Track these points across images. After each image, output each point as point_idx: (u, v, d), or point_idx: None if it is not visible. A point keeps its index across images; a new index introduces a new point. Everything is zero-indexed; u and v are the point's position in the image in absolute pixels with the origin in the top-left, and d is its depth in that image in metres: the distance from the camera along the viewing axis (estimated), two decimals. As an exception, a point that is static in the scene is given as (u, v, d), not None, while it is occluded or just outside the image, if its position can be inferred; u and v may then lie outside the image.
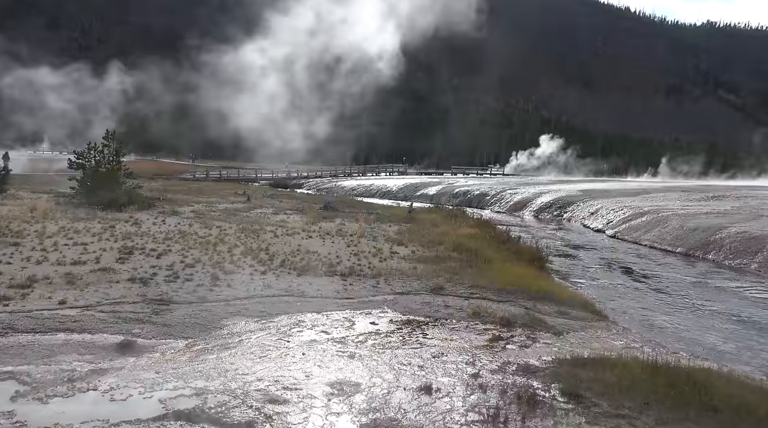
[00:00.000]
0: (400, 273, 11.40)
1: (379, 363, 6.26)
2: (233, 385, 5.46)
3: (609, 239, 21.64)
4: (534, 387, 5.67)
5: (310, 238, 15.06)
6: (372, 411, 5.03)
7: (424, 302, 9.40)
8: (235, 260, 11.64)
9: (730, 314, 10.89)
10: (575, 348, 7.26)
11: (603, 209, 26.46)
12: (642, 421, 4.95)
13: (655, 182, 46.13)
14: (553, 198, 31.99)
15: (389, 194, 42.37)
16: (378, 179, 55.34)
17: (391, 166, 72.18)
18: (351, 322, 8.01)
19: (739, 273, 15.15)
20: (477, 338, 7.54)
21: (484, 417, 4.96)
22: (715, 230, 18.60)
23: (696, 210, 22.85)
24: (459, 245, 14.67)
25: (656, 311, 11.01)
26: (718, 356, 8.27)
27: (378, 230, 17.27)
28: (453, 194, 38.88)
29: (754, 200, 25.04)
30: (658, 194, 29.58)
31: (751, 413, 4.97)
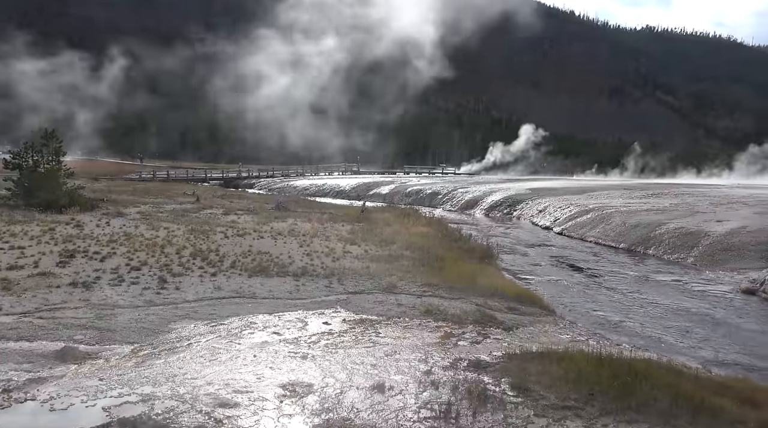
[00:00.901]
0: (353, 273, 11.39)
1: (332, 363, 6.24)
2: (182, 390, 5.33)
3: (556, 236, 22.26)
4: (485, 382, 5.77)
5: (261, 238, 14.86)
6: (325, 411, 5.01)
7: (377, 301, 9.43)
8: (183, 263, 11.36)
9: (668, 306, 11.39)
10: (524, 343, 7.43)
11: (550, 207, 27.19)
12: (587, 412, 5.11)
13: (599, 181, 47.73)
14: (503, 196, 32.65)
15: (342, 193, 42.26)
16: (331, 178, 55.10)
17: (343, 165, 71.99)
18: (304, 323, 7.95)
19: (677, 267, 15.86)
20: (429, 335, 7.61)
21: (437, 414, 5.01)
22: (655, 226, 19.41)
23: (637, 207, 23.78)
24: (412, 243, 14.80)
25: (601, 305, 11.40)
26: (658, 346, 8.63)
27: (331, 229, 17.20)
28: (406, 193, 39.13)
29: (690, 197, 26.27)
30: (602, 192, 30.62)
31: (687, 401, 5.21)
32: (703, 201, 24.15)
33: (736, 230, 17.11)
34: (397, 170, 68.96)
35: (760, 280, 12.77)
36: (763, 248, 15.46)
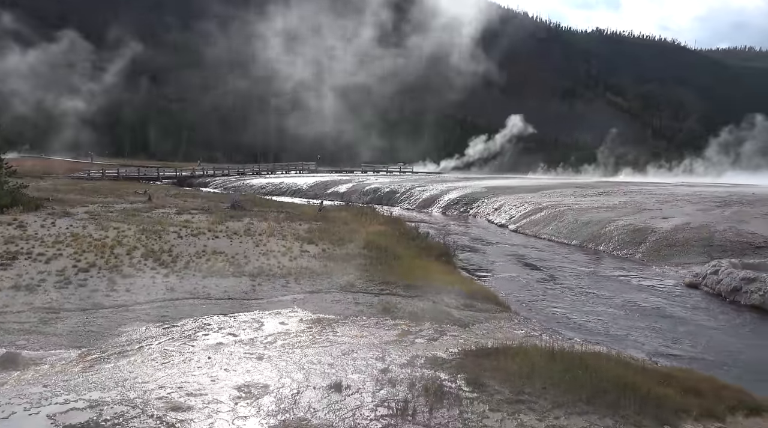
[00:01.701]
0: (311, 272, 11.32)
1: (289, 363, 6.18)
2: (132, 395, 5.17)
3: (511, 234, 22.67)
4: (441, 379, 5.82)
5: (216, 238, 14.59)
6: (281, 412, 4.95)
7: (335, 300, 9.40)
8: (134, 263, 11.04)
9: (617, 301, 11.77)
10: (480, 339, 7.54)
11: (506, 205, 27.68)
12: (540, 405, 5.23)
13: (552, 179, 48.90)
14: (460, 195, 33.02)
15: (300, 192, 41.92)
16: (288, 177, 54.56)
17: (301, 163, 71.41)
18: (260, 323, 7.84)
19: (626, 262, 16.40)
20: (387, 333, 7.63)
21: (393, 411, 5.03)
22: (605, 223, 20.01)
23: (588, 205, 24.46)
24: (369, 242, 14.80)
25: (554, 300, 11.68)
26: (608, 340, 8.91)
27: (288, 228, 17.03)
28: (364, 191, 39.11)
29: (638, 195, 27.19)
30: (555, 190, 31.36)
31: (635, 391, 5.39)
32: (650, 199, 25.04)
33: (680, 226, 17.82)
34: (355, 169, 68.87)
35: (702, 274, 13.34)
36: (705, 243, 16.15)
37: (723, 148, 63.58)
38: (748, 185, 33.75)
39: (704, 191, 27.54)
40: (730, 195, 24.65)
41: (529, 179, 47.60)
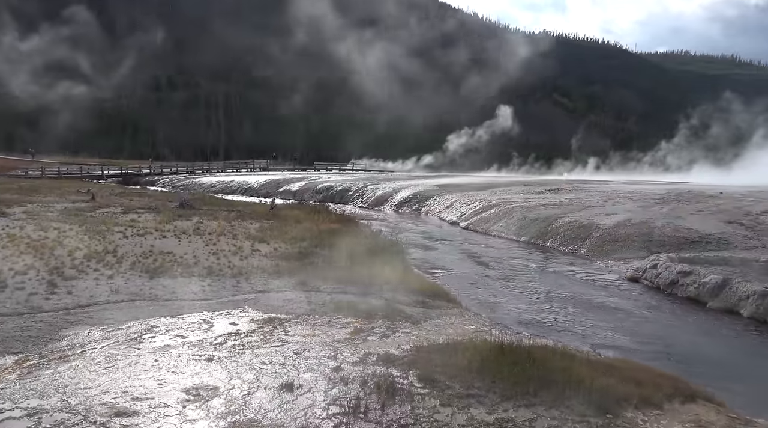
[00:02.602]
0: (262, 271, 11.19)
1: (239, 364, 6.09)
2: (73, 401, 4.98)
3: (463, 231, 23.02)
4: (393, 376, 5.87)
5: (164, 238, 14.21)
6: (231, 414, 4.88)
7: (287, 299, 9.32)
8: (76, 265, 10.62)
9: (564, 295, 12.14)
10: (432, 335, 7.63)
11: (457, 203, 28.08)
12: (489, 398, 5.34)
13: (502, 177, 49.89)
14: (412, 193, 33.28)
15: (251, 190, 41.31)
16: (239, 175, 53.67)
17: (252, 161, 70.34)
18: (209, 324, 7.69)
19: (572, 257, 16.93)
20: (339, 332, 7.63)
21: (346, 409, 5.03)
22: (552, 220, 20.59)
23: (536, 202, 25.11)
24: (322, 240, 14.74)
25: (504, 296, 11.95)
26: (555, 333, 9.18)
27: (239, 227, 16.76)
28: (316, 189, 38.90)
29: (583, 192, 28.09)
30: (505, 188, 32.03)
31: (579, 382, 5.59)
32: (594, 196, 25.90)
33: (622, 222, 18.52)
34: (307, 167, 68.39)
35: (642, 268, 13.91)
36: (645, 238, 16.84)
37: (662, 146, 66.43)
38: (684, 183, 35.38)
39: (644, 189, 28.68)
40: (668, 192, 25.77)
41: (481, 177, 48.44)
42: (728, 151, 57.37)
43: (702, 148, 61.51)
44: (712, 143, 61.40)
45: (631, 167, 63.97)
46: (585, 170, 65.32)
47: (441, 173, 55.67)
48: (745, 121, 66.02)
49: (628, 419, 5.12)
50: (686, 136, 66.58)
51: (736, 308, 10.91)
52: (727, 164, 53.63)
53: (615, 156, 69.20)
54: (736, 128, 65.10)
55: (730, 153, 56.18)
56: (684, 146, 64.41)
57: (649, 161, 65.26)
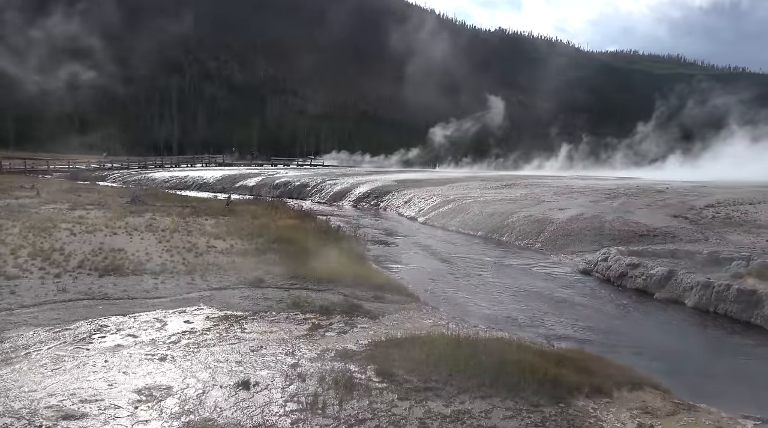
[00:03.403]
0: (218, 268, 10.99)
1: (194, 363, 5.97)
2: (17, 405, 4.78)
3: (421, 226, 23.19)
4: (351, 371, 5.87)
5: (114, 235, 13.77)
6: (185, 413, 4.78)
7: (243, 296, 9.18)
8: (20, 264, 10.18)
9: (519, 288, 12.39)
10: (390, 330, 7.66)
11: (415, 198, 28.26)
12: (446, 391, 5.41)
13: (459, 172, 50.49)
14: (370, 188, 33.30)
15: (206, 186, 40.51)
16: (194, 170, 52.51)
17: (207, 156, 68.91)
18: (162, 323, 7.51)
19: (527, 251, 17.29)
20: (297, 328, 7.57)
21: (303, 406, 5.01)
22: (508, 214, 20.97)
23: (493, 197, 25.52)
24: (279, 236, 14.57)
25: (461, 290, 12.10)
26: (510, 325, 9.36)
27: (194, 224, 16.39)
28: (274, 185, 38.46)
29: (537, 187, 28.71)
30: (462, 183, 32.42)
31: (533, 373, 5.72)
32: (548, 191, 26.51)
33: (575, 217, 19.02)
34: (265, 162, 67.49)
35: (594, 261, 14.33)
36: (596, 232, 17.34)
37: (612, 144, 68.48)
38: (633, 178, 36.63)
39: (596, 184, 29.55)
40: (618, 187, 26.62)
41: (438, 173, 48.86)
42: (676, 148, 59.70)
43: (652, 144, 63.76)
44: (665, 140, 63.67)
45: (584, 162, 65.71)
46: (538, 164, 66.74)
47: (401, 169, 55.93)
48: (690, 119, 68.79)
49: (579, 407, 5.27)
50: (635, 132, 68.86)
51: (681, 298, 11.36)
52: (673, 160, 55.85)
53: (567, 151, 70.81)
54: (682, 127, 67.74)
55: (678, 150, 58.48)
56: (634, 143, 66.65)
57: (599, 156, 67.15)
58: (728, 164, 44.23)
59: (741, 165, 41.78)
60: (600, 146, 69.43)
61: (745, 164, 41.60)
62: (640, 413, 5.28)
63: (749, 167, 39.15)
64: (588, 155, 68.02)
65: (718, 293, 10.81)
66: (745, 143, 50.55)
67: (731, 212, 18.59)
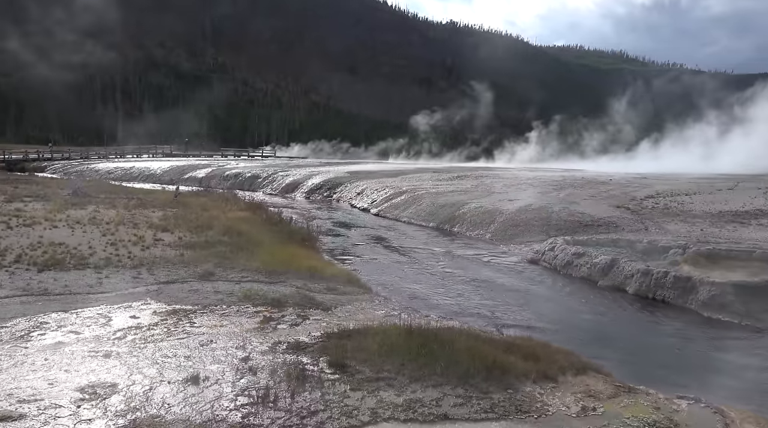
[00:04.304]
0: (165, 261, 10.70)
1: (141, 359, 5.81)
2: (-51, 408, 4.54)
3: (373, 217, 23.24)
4: (303, 363, 5.85)
5: (55, 228, 13.21)
6: (131, 411, 4.65)
7: (192, 289, 8.99)
8: (-50, 259, 9.64)
9: (469, 278, 12.62)
10: (342, 322, 7.67)
11: (368, 190, 28.28)
12: (398, 381, 5.47)
13: (411, 164, 50.80)
14: (323, 180, 33.12)
15: (153, 177, 39.37)
16: (140, 161, 50.88)
17: (155, 147, 66.79)
18: (107, 318, 7.27)
19: (478, 242, 17.60)
20: (248, 321, 7.47)
21: (254, 399, 4.96)
22: (459, 206, 21.27)
23: (444, 189, 25.83)
24: (230, 228, 14.32)
25: (413, 280, 12.22)
26: (461, 315, 9.53)
27: (140, 216, 15.90)
28: (224, 176, 37.74)
29: (488, 179, 29.23)
30: (414, 175, 32.64)
31: (483, 361, 5.84)
32: (498, 183, 27.04)
33: (524, 208, 19.48)
34: (214, 153, 65.97)
35: (541, 251, 14.74)
36: (544, 223, 17.81)
37: (559, 136, 70.28)
38: (578, 170, 37.76)
39: (543, 176, 30.31)
40: (564, 179, 27.40)
41: (390, 164, 49.01)
42: (622, 141, 61.90)
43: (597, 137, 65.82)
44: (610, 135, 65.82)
45: (532, 154, 67.17)
46: (487, 156, 67.86)
47: (352, 160, 55.80)
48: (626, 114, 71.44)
49: (527, 393, 5.42)
50: (579, 125, 70.86)
51: (623, 285, 11.84)
52: (618, 152, 57.89)
53: (517, 143, 72.18)
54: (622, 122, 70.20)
55: (622, 143, 60.64)
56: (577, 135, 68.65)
57: (547, 148, 68.80)
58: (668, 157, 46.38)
59: (670, 158, 44.10)
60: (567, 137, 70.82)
61: (673, 157, 44.04)
62: (583, 396, 5.48)
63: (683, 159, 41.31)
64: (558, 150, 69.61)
65: (657, 280, 11.32)
66: (672, 138, 53.24)
67: (669, 202, 19.44)
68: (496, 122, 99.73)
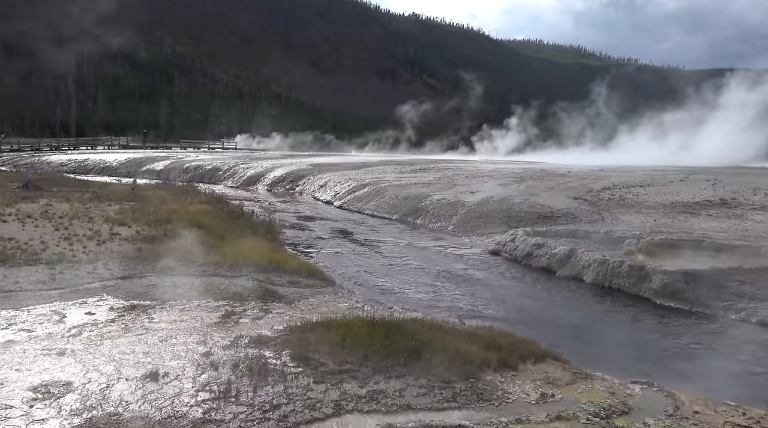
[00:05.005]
0: (123, 256, 10.43)
1: (97, 356, 5.66)
2: None
3: (337, 210, 23.17)
4: (266, 357, 5.81)
5: (4, 223, 12.70)
6: (87, 409, 4.53)
7: (151, 284, 8.79)
8: None
9: (433, 269, 12.73)
10: (305, 315, 7.63)
11: (331, 182, 28.16)
12: (361, 372, 5.49)
13: (375, 156, 50.77)
14: (285, 172, 32.81)
15: (109, 169, 38.27)
16: (95, 153, 49.33)
17: (110, 139, 64.82)
18: (61, 315, 7.05)
19: (441, 234, 17.76)
20: (209, 316, 7.37)
21: (216, 394, 4.90)
22: (422, 198, 21.40)
23: (407, 181, 25.92)
24: (190, 222, 14.03)
25: (376, 273, 12.26)
26: (424, 306, 9.62)
27: (95, 210, 15.43)
28: (183, 169, 36.95)
29: (450, 171, 29.46)
30: (377, 167, 32.64)
31: (445, 350, 5.92)
32: (461, 175, 27.28)
33: (485, 200, 19.74)
34: (173, 145, 64.47)
35: (502, 242, 14.97)
36: (505, 214, 18.10)
37: (518, 129, 71.36)
38: (538, 163, 38.45)
39: (504, 168, 30.74)
40: (524, 171, 27.86)
41: (353, 157, 48.91)
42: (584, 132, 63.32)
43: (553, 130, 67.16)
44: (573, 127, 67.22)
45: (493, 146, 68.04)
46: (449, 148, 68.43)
47: (315, 153, 55.45)
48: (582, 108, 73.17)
49: (488, 381, 5.52)
50: (539, 119, 72.13)
51: (581, 275, 12.14)
52: (577, 145, 59.23)
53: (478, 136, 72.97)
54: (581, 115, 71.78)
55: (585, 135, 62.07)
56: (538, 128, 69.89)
57: (508, 141, 69.80)
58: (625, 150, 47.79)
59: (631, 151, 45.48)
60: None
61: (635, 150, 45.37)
62: (542, 383, 5.61)
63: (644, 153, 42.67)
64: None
65: (613, 269, 11.65)
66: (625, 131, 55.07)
67: (625, 194, 20.00)
68: (458, 114, 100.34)
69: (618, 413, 5.03)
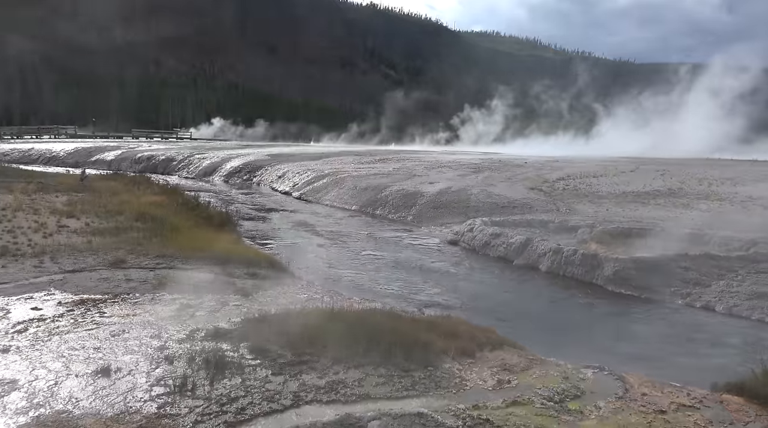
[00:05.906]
0: (72, 249, 10.05)
1: (44, 353, 5.45)
2: None
3: (295, 201, 22.96)
4: (223, 350, 5.71)
5: (-59, 215, 12.07)
6: (34, 407, 4.36)
7: (102, 278, 8.51)
8: None
9: (392, 260, 12.78)
10: (264, 306, 7.53)
11: (289, 173, 27.86)
12: (321, 363, 5.46)
13: (333, 147, 50.50)
14: (242, 163, 32.29)
15: (56, 160, 36.90)
16: (40, 142, 47.39)
17: (56, 128, 62.30)
18: (5, 311, 6.75)
19: (400, 224, 17.83)
20: (164, 309, 7.19)
21: (171, 389, 4.79)
22: (382, 188, 21.42)
23: (366, 172, 25.88)
24: (143, 213, 13.65)
25: (336, 263, 12.21)
26: (384, 296, 9.65)
27: (41, 201, 14.84)
28: (135, 159, 35.93)
29: (409, 162, 29.57)
30: (336, 158, 32.49)
31: (404, 339, 5.93)
32: (420, 166, 27.43)
33: (444, 190, 19.92)
34: (125, 134, 62.50)
35: (461, 232, 15.15)
36: (463, 205, 18.32)
37: (476, 120, 72.25)
38: (495, 153, 39.03)
39: (463, 159, 31.07)
40: (482, 162, 28.22)
41: (312, 147, 48.52)
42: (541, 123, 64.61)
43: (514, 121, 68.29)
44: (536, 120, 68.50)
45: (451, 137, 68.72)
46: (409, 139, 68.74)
47: (272, 143, 54.73)
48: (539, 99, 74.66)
49: (446, 369, 5.58)
50: (495, 110, 73.19)
51: (536, 264, 12.41)
52: (529, 135, 60.40)
53: (436, 127, 73.51)
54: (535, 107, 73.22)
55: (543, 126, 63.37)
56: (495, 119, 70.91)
57: (466, 132, 70.58)
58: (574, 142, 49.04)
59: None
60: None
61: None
62: (499, 370, 5.71)
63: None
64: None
65: (567, 258, 11.95)
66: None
67: (578, 184, 20.53)
68: (416, 104, 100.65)
69: (571, 397, 5.17)
